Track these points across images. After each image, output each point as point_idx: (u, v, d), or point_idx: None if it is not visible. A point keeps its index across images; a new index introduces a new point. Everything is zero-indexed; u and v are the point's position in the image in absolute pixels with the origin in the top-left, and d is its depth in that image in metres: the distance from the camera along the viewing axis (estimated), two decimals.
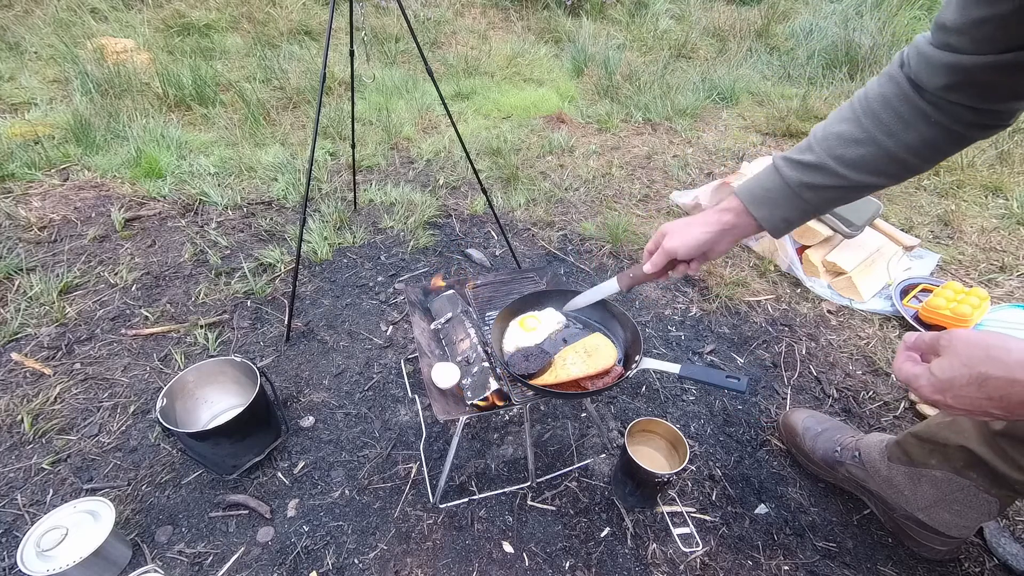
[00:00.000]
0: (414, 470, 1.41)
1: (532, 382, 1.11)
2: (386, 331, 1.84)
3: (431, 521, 1.30)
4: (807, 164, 0.82)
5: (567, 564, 1.22)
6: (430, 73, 1.68)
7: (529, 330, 1.24)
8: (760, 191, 0.87)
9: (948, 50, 0.68)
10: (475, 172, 1.91)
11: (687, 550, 1.25)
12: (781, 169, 0.85)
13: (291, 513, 1.31)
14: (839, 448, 1.32)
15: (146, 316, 1.84)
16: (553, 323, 1.26)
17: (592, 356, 1.16)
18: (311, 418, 1.53)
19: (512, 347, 1.22)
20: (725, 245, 0.93)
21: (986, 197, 2.58)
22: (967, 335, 0.62)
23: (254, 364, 1.38)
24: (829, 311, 1.95)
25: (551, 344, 1.22)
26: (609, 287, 1.10)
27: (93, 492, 1.33)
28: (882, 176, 0.80)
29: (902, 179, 0.82)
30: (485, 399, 1.12)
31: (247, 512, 1.30)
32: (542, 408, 1.59)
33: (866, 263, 2.03)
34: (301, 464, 1.42)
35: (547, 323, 1.26)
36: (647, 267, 0.99)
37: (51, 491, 1.34)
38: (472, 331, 1.28)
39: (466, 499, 1.34)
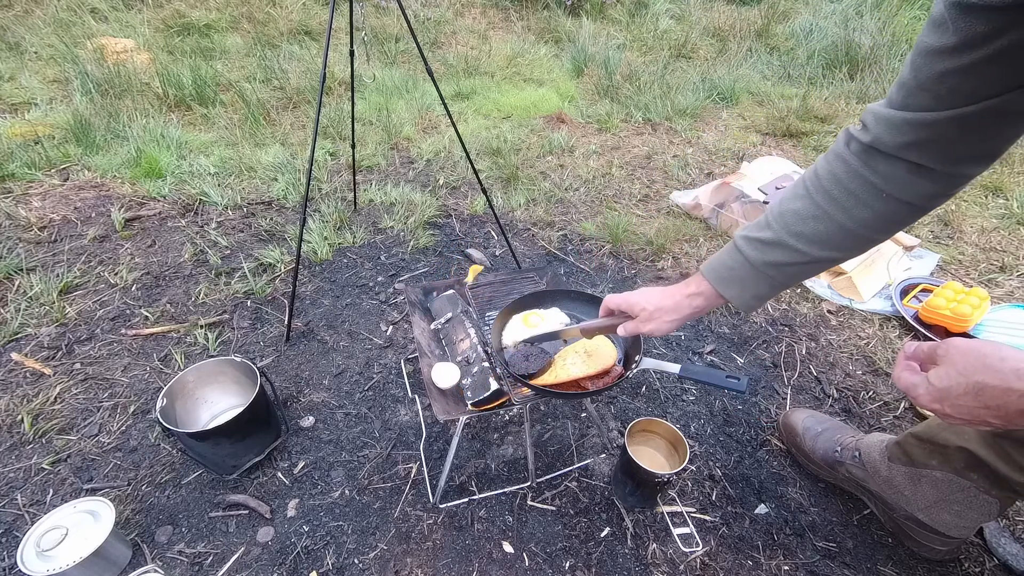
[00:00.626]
0: (414, 470, 1.41)
1: (532, 382, 1.11)
2: (386, 331, 1.84)
3: (431, 521, 1.30)
4: (766, 241, 0.83)
5: (567, 564, 1.22)
6: (430, 73, 1.68)
7: (531, 326, 1.24)
8: (726, 272, 0.89)
9: (910, 110, 0.68)
10: (475, 172, 1.91)
11: (687, 550, 1.25)
12: (743, 249, 0.86)
13: (291, 513, 1.31)
14: (839, 448, 1.32)
15: (146, 316, 1.84)
16: (556, 323, 1.26)
17: (592, 356, 1.16)
18: (311, 418, 1.53)
19: (510, 341, 1.22)
20: (694, 319, 0.95)
21: (986, 197, 2.58)
22: (964, 344, 0.62)
23: (254, 364, 1.38)
24: (829, 311, 1.95)
25: (551, 344, 1.22)
26: (572, 332, 1.15)
27: (93, 492, 1.33)
28: (841, 250, 0.82)
29: (861, 251, 0.84)
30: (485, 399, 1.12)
31: (247, 512, 1.30)
32: (542, 408, 1.59)
33: (866, 263, 2.03)
34: (301, 464, 1.42)
35: (549, 322, 1.26)
36: (621, 331, 1.03)
37: (51, 491, 1.34)
38: (472, 331, 1.28)
39: (466, 499, 1.34)
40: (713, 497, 1.37)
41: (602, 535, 1.28)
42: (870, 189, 0.75)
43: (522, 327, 1.24)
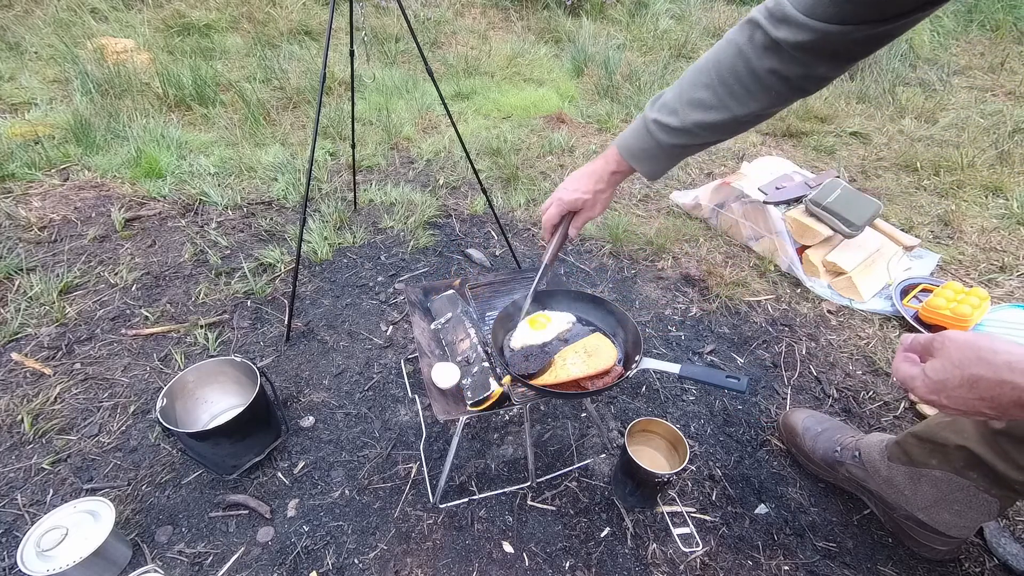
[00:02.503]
0: (414, 470, 1.41)
1: (532, 382, 1.11)
2: (386, 331, 1.84)
3: (431, 521, 1.30)
4: (674, 128, 0.93)
5: (567, 564, 1.22)
6: (430, 73, 1.68)
7: (539, 328, 1.23)
8: (640, 152, 1.00)
9: (813, 17, 0.74)
10: (475, 172, 1.91)
11: (687, 550, 1.25)
12: (653, 132, 0.96)
13: (291, 513, 1.31)
14: (839, 448, 1.32)
15: (146, 316, 1.84)
16: (563, 323, 1.26)
17: (592, 356, 1.16)
18: (311, 418, 1.53)
19: (519, 344, 1.21)
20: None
21: (986, 197, 2.58)
22: (959, 337, 0.64)
23: (254, 364, 1.39)
24: (829, 311, 1.95)
25: (551, 344, 1.22)
26: (543, 270, 1.20)
27: (93, 492, 1.33)
28: (727, 135, 0.94)
29: (734, 135, 0.97)
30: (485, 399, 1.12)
31: (247, 512, 1.30)
32: (542, 408, 1.59)
33: (866, 263, 2.03)
34: (301, 464, 1.42)
35: (557, 323, 1.26)
36: (572, 232, 1.12)
37: (51, 491, 1.34)
38: (472, 331, 1.28)
39: (466, 499, 1.34)
40: (713, 497, 1.37)
41: (602, 535, 1.28)
42: (763, 87, 0.84)
43: (529, 330, 1.24)
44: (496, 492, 1.36)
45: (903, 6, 0.69)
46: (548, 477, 1.40)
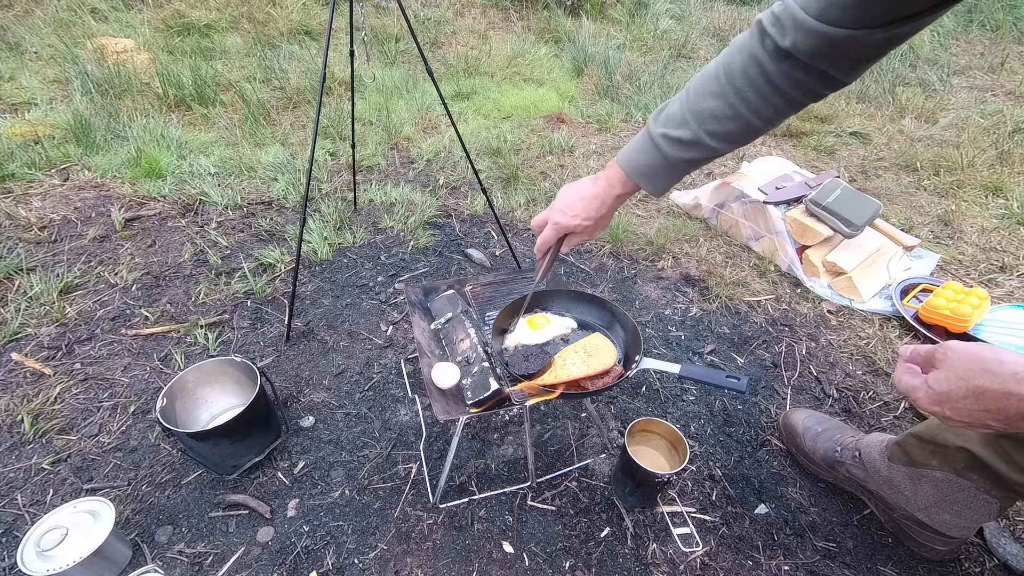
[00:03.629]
0: (414, 470, 1.41)
1: (532, 382, 1.11)
2: (386, 331, 1.84)
3: (431, 521, 1.30)
4: (685, 141, 0.89)
5: (567, 564, 1.22)
6: (430, 73, 1.68)
7: (537, 328, 1.24)
8: (647, 169, 0.96)
9: (825, 22, 0.70)
10: (475, 172, 1.91)
11: (687, 550, 1.25)
12: (662, 147, 0.92)
13: (291, 513, 1.31)
14: (839, 448, 1.32)
15: (146, 316, 1.84)
16: (562, 327, 1.26)
17: (592, 356, 1.16)
18: (311, 418, 1.53)
19: (514, 343, 1.21)
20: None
21: (986, 197, 2.58)
22: (963, 348, 0.62)
23: (254, 364, 1.38)
24: (829, 311, 1.95)
25: (551, 345, 1.22)
26: (534, 287, 1.25)
27: (93, 492, 1.33)
28: (739, 144, 0.91)
29: (744, 145, 0.93)
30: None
31: (247, 512, 1.30)
32: (542, 408, 1.59)
33: (866, 263, 2.03)
34: (301, 464, 1.42)
35: (556, 324, 1.26)
36: (566, 247, 1.09)
37: (51, 491, 1.34)
38: (472, 331, 1.28)
39: (466, 499, 1.34)
40: (713, 497, 1.37)
41: (602, 535, 1.28)
42: (778, 91, 0.81)
43: (528, 330, 1.24)
44: (496, 492, 1.36)
45: (915, 7, 0.66)
46: (548, 477, 1.40)
